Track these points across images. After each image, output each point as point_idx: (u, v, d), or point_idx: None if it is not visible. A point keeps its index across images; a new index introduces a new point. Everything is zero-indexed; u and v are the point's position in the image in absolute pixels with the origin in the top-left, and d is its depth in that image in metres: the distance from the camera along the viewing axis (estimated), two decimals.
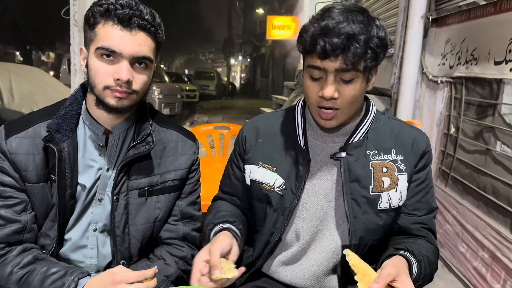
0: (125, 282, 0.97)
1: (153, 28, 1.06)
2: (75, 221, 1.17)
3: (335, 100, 1.04)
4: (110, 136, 1.16)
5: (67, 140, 1.11)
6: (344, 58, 0.98)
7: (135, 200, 1.17)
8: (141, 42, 1.04)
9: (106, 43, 1.02)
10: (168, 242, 1.26)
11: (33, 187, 1.10)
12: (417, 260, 1.07)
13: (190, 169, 1.26)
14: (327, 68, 1.01)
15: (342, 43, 0.96)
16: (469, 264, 2.48)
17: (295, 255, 1.22)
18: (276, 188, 1.18)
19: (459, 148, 2.78)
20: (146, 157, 1.17)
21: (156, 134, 1.20)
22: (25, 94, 5.68)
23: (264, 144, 1.22)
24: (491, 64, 2.38)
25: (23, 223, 1.10)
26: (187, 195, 1.28)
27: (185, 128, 1.33)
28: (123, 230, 1.17)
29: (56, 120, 1.10)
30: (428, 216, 1.20)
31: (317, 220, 1.18)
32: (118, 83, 1.04)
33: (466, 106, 2.72)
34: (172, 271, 1.20)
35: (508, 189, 2.21)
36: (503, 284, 2.14)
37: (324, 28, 0.98)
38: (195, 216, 1.30)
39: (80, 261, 1.19)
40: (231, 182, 1.31)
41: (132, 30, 1.03)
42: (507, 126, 2.24)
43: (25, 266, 1.06)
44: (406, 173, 1.14)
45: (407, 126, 1.21)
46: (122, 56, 1.03)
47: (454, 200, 2.73)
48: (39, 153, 1.10)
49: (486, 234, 2.34)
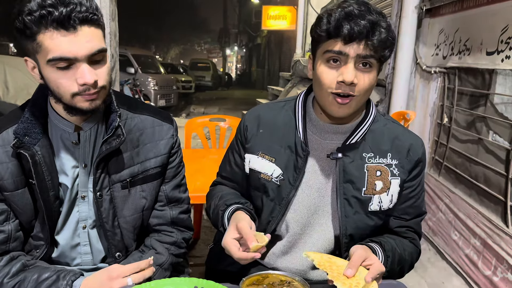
0: (121, 276, 0.96)
1: (95, 16, 0.97)
2: (64, 221, 1.16)
3: (353, 87, 1.05)
4: (81, 132, 1.11)
5: (38, 142, 1.06)
6: (369, 43, 1.01)
7: (119, 193, 1.15)
8: (89, 38, 0.96)
9: (56, 53, 0.94)
10: (157, 229, 1.25)
11: (12, 195, 1.07)
12: (385, 255, 1.11)
13: (170, 153, 1.23)
14: (349, 53, 1.02)
15: (367, 28, 1.00)
16: (461, 252, 2.53)
17: (285, 246, 1.25)
18: (274, 178, 1.19)
19: (452, 137, 2.81)
20: (122, 149, 1.13)
21: (128, 123, 1.16)
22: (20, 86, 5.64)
23: (265, 135, 1.23)
24: (484, 54, 2.40)
25: (7, 233, 1.08)
26: (171, 179, 1.25)
27: (161, 110, 1.28)
28: (113, 224, 1.16)
29: (21, 124, 1.05)
30: (415, 220, 1.24)
31: (308, 213, 1.20)
32: (86, 88, 0.98)
33: (459, 96, 2.75)
34: (164, 259, 1.20)
35: (499, 178, 2.24)
36: (493, 271, 2.19)
37: (349, 13, 1.01)
38: (182, 199, 1.28)
39: (75, 258, 1.19)
40: (231, 169, 1.33)
41: (76, 29, 0.94)
42: (499, 116, 2.27)
43: (14, 275, 1.04)
44: (399, 178, 1.17)
45: (404, 131, 1.22)
46: (78, 60, 0.96)
47: (447, 189, 2.77)
48: (12, 160, 1.06)
49: (478, 222, 2.38)
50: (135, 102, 1.23)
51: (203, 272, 1.45)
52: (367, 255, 1.02)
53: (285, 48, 18.18)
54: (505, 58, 2.20)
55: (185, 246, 1.30)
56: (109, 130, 1.10)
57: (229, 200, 1.21)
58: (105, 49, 1.02)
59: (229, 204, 1.18)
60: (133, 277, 0.97)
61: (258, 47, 27.40)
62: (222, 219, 1.18)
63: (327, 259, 1.03)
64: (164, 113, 1.26)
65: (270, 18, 12.99)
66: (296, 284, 0.97)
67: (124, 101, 1.19)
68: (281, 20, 12.86)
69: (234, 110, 11.55)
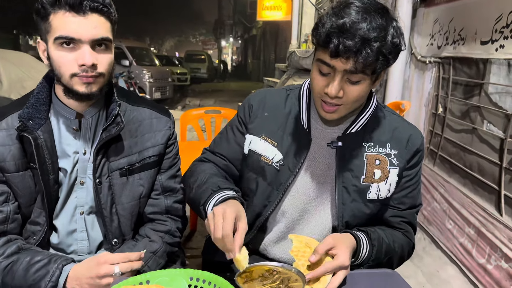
0: (109, 262, 0.99)
1: (105, 8, 1.06)
2: (62, 206, 1.19)
3: (340, 98, 1.05)
4: (83, 119, 1.17)
5: (41, 127, 1.11)
6: (355, 61, 0.97)
7: (118, 181, 1.20)
8: (96, 25, 1.04)
9: (63, 32, 1.02)
10: (151, 218, 1.29)
11: (13, 176, 1.12)
12: (371, 243, 1.12)
13: (167, 144, 1.28)
14: (336, 67, 1.00)
15: (356, 46, 0.95)
16: (455, 240, 2.55)
17: (282, 232, 1.26)
18: (275, 162, 1.20)
19: (447, 127, 2.82)
20: (121, 137, 1.19)
21: (127, 114, 1.21)
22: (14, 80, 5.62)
23: (269, 118, 1.24)
24: (478, 44, 2.41)
25: (5, 213, 1.12)
26: (167, 169, 1.30)
27: (159, 104, 1.34)
28: (110, 210, 1.20)
29: (26, 109, 1.11)
30: (410, 211, 1.25)
31: (306, 199, 1.22)
32: (84, 69, 1.05)
33: (454, 86, 2.76)
34: (157, 247, 1.23)
35: (493, 167, 2.26)
36: (487, 259, 2.21)
37: (341, 26, 0.96)
38: (176, 189, 1.32)
39: (72, 244, 1.22)
40: (229, 145, 1.29)
41: (85, 14, 1.03)
42: (493, 105, 2.28)
43: (9, 256, 1.07)
44: (398, 167, 1.18)
45: (404, 122, 1.24)
46: (82, 42, 1.03)
47: (442, 178, 2.79)
48: (15, 143, 1.11)
49: (472, 211, 2.40)
50: (135, 96, 1.29)
51: (200, 263, 1.46)
52: (335, 244, 1.02)
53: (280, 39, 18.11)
54: (499, 48, 2.20)
55: (179, 236, 1.32)
56: (109, 118, 1.15)
57: (222, 183, 1.14)
58: (109, 39, 1.09)
59: (223, 187, 1.12)
60: (120, 266, 0.99)
61: (254, 39, 27.28)
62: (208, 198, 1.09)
63: (306, 244, 1.05)
64: (161, 107, 1.31)
65: (265, 9, 12.90)
66: (290, 274, 0.99)
67: (124, 94, 1.24)
68: (276, 10, 12.77)
69: (230, 102, 11.52)
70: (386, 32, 0.98)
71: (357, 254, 1.09)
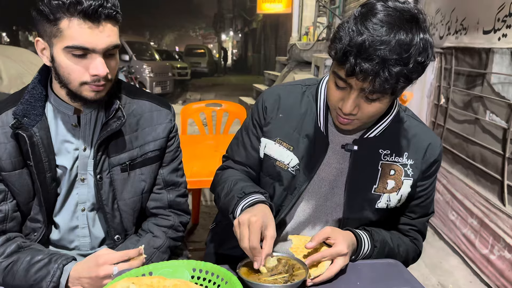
0: (109, 263, 0.98)
1: (118, 14, 1.03)
2: (62, 203, 1.18)
3: (354, 114, 0.99)
4: (82, 115, 1.14)
5: (37, 124, 1.09)
6: (372, 83, 0.89)
7: (119, 176, 1.18)
8: (110, 34, 1.02)
9: (77, 42, 0.98)
10: (154, 213, 1.27)
11: (9, 175, 1.09)
12: (373, 244, 1.11)
13: (168, 137, 1.25)
14: (352, 85, 0.94)
15: (373, 69, 0.86)
16: (458, 231, 2.55)
17: (287, 233, 1.24)
18: (290, 167, 1.16)
19: (449, 118, 2.81)
20: (122, 132, 1.16)
21: (127, 107, 1.18)
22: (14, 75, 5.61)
23: (284, 120, 1.18)
24: (480, 33, 2.39)
25: (4, 212, 1.10)
26: (169, 163, 1.27)
27: (159, 97, 1.31)
28: (112, 206, 1.18)
29: (21, 105, 1.08)
30: (421, 220, 1.22)
31: (317, 203, 1.19)
32: (96, 79, 1.03)
33: (456, 76, 2.74)
34: (161, 242, 1.21)
35: (496, 157, 2.25)
36: (490, 249, 2.21)
37: (359, 45, 0.87)
38: (179, 183, 1.30)
39: (74, 241, 1.21)
40: (246, 152, 1.25)
41: (100, 24, 0.99)
42: (496, 95, 2.27)
43: (9, 256, 1.06)
44: (412, 178, 1.13)
45: (424, 128, 1.18)
46: (96, 52, 1.01)
47: (444, 169, 2.78)
48: (10, 141, 1.08)
49: (475, 201, 2.39)
50: (134, 88, 1.26)
51: (202, 256, 1.46)
52: (332, 233, 1.02)
53: (281, 32, 18.03)
54: (501, 37, 2.18)
55: (183, 230, 1.31)
56: (109, 112, 1.13)
57: (247, 187, 1.12)
58: (119, 45, 1.08)
59: (248, 192, 1.09)
60: (119, 266, 0.98)
61: (254, 32, 27.17)
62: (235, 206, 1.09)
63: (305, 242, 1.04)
64: (161, 99, 1.29)
65: (265, 1, 12.83)
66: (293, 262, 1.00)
67: (124, 87, 1.22)
68: (277, 3, 12.70)
69: (230, 96, 11.50)
70: (409, 53, 0.87)
71: (358, 252, 1.08)
